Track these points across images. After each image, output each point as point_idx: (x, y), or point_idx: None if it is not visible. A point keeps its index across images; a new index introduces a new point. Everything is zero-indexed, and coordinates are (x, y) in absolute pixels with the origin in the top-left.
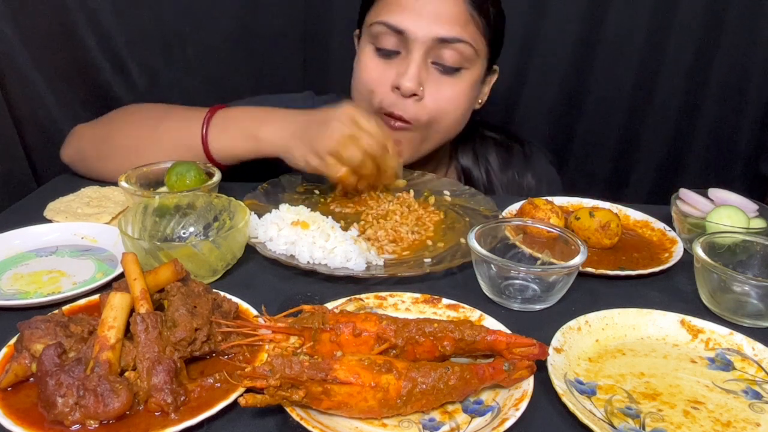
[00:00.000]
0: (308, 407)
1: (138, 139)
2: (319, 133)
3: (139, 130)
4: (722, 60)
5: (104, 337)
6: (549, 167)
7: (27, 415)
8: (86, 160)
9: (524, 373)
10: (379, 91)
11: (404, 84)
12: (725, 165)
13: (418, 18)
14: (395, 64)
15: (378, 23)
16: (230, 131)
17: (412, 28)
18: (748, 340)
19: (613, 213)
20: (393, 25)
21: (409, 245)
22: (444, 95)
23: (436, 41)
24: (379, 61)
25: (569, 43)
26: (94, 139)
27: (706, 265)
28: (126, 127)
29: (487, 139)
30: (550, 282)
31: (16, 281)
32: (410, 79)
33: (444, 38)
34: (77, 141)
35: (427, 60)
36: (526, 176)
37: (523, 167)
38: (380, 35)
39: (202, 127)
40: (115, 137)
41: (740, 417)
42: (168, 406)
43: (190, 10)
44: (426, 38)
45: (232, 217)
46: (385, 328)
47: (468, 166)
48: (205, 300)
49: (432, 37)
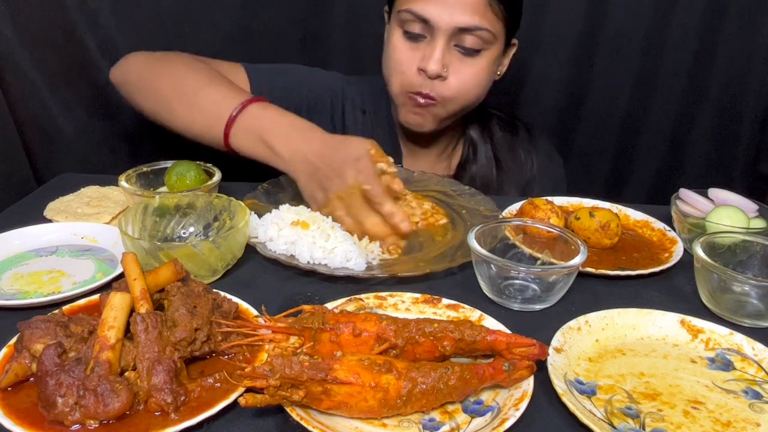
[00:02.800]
0: (308, 407)
1: (175, 95)
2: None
3: (180, 88)
4: (722, 60)
5: (104, 337)
6: (553, 151)
7: (27, 415)
8: (129, 87)
9: (524, 373)
10: (408, 72)
11: (430, 67)
12: (725, 165)
13: (442, 7)
14: (421, 48)
15: (405, 11)
16: (253, 131)
17: (435, 17)
18: (748, 340)
19: (613, 213)
20: (418, 13)
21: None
22: (466, 74)
23: (457, 29)
24: (407, 44)
25: (569, 43)
26: (141, 73)
27: (706, 265)
28: (171, 77)
29: (492, 115)
30: (550, 282)
31: (16, 281)
32: (435, 63)
33: (465, 27)
34: (128, 66)
35: (450, 44)
36: (531, 156)
37: (528, 147)
38: (407, 21)
39: (231, 116)
40: (159, 81)
41: (740, 417)
42: (168, 406)
43: (189, 10)
44: (448, 26)
45: (232, 217)
46: (385, 328)
47: (475, 137)
48: (205, 300)
49: (453, 26)
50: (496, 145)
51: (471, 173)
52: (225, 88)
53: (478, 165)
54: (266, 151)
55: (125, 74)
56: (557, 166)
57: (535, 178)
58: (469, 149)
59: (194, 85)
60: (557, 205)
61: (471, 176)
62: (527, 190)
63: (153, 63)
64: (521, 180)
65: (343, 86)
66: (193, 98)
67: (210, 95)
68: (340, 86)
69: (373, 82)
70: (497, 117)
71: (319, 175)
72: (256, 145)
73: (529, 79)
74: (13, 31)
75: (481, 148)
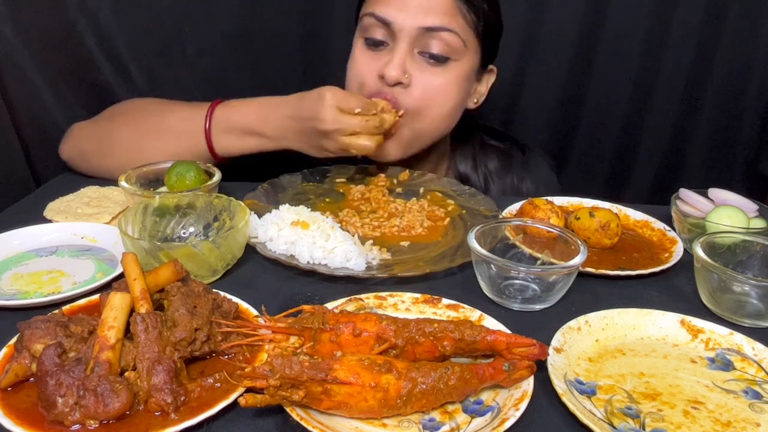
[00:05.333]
0: (308, 407)
1: (140, 134)
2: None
3: (141, 126)
4: (722, 60)
5: (104, 337)
6: (549, 173)
7: (27, 415)
8: (86, 156)
9: (524, 373)
10: (368, 81)
11: (388, 72)
12: (725, 165)
13: (404, 8)
14: (383, 55)
15: (367, 15)
16: (234, 127)
17: (397, 18)
18: (748, 340)
19: (613, 213)
20: (379, 16)
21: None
22: (431, 84)
23: (422, 30)
24: (368, 53)
25: (569, 44)
26: (94, 136)
27: (706, 265)
28: (127, 123)
29: (488, 146)
30: (550, 282)
31: (16, 281)
32: (394, 68)
33: (429, 27)
34: (76, 138)
35: (413, 50)
36: (524, 181)
37: (522, 172)
38: (369, 27)
39: (205, 123)
40: (116, 133)
41: (740, 417)
42: (168, 406)
43: (189, 9)
44: (411, 28)
45: (232, 217)
46: (385, 328)
47: (466, 172)
48: (205, 300)
49: (417, 27)
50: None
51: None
52: (184, 106)
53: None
54: (253, 141)
55: (78, 145)
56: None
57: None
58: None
59: (154, 120)
60: (557, 205)
61: None
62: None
63: (101, 122)
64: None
65: None
66: (159, 130)
67: (175, 117)
68: None
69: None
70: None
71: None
72: (240, 140)
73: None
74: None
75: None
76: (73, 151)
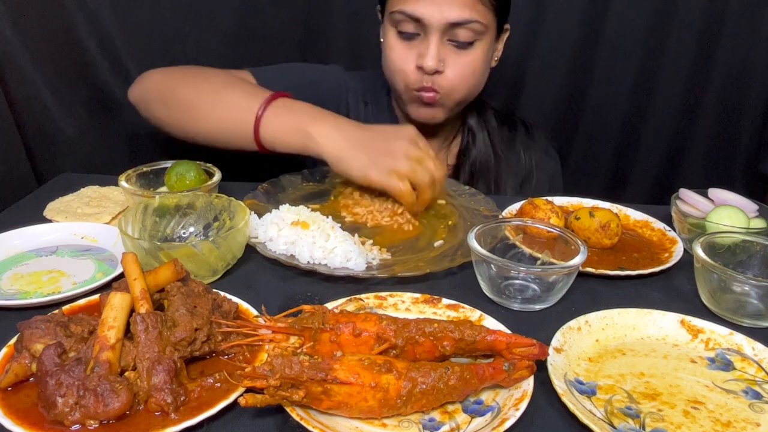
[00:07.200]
0: (308, 407)
1: (199, 97)
2: (384, 149)
3: (202, 90)
4: (722, 60)
5: (104, 337)
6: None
7: (27, 415)
8: (150, 102)
9: (524, 373)
10: (406, 70)
11: (426, 64)
12: (725, 165)
13: (432, 5)
14: (416, 45)
15: (397, 12)
16: (285, 120)
17: (427, 15)
18: (748, 340)
19: (613, 213)
20: (410, 14)
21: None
22: (462, 66)
23: (449, 24)
24: (403, 44)
25: (569, 43)
26: (160, 86)
27: (706, 265)
28: (192, 83)
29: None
30: (550, 282)
31: (16, 281)
32: (431, 59)
33: (456, 22)
34: (146, 83)
35: (443, 39)
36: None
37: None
38: (400, 21)
39: (260, 108)
40: (180, 89)
41: (740, 417)
42: (168, 406)
43: (189, 10)
44: (440, 23)
45: (232, 217)
46: (385, 328)
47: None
48: (205, 300)
49: (445, 22)
50: (492, 134)
51: (471, 159)
52: (247, 86)
53: (477, 150)
54: (299, 137)
55: (145, 90)
56: (554, 161)
57: (533, 171)
58: (468, 136)
59: (216, 88)
60: (557, 205)
61: (471, 162)
62: (525, 183)
63: (171, 75)
64: (519, 171)
65: (345, 78)
66: (217, 98)
67: (234, 93)
68: (342, 78)
69: (372, 75)
70: (494, 110)
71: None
72: (288, 131)
73: (530, 80)
74: (13, 31)
75: (479, 135)
76: (140, 95)
